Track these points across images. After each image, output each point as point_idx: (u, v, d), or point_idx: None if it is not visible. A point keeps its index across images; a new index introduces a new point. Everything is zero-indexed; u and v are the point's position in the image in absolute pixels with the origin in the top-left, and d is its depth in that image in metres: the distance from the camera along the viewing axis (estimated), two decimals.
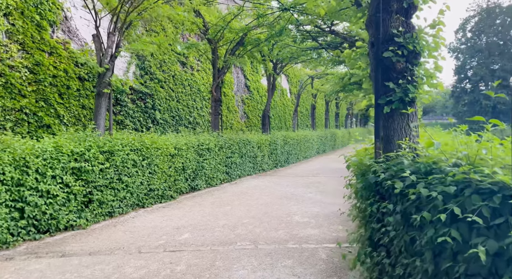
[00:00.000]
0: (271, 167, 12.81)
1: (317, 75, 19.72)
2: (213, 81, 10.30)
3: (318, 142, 19.34)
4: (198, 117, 13.71)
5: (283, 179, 10.44)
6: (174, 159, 7.66)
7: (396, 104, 2.39)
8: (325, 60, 14.08)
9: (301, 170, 12.77)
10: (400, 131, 2.45)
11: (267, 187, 9.02)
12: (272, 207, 6.64)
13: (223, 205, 6.96)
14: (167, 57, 12.17)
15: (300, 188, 8.77)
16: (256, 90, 19.81)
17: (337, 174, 11.33)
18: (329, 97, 24.53)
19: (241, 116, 17.95)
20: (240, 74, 18.36)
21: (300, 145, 15.94)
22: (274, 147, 13.02)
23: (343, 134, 27.61)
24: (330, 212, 6.20)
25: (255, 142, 11.44)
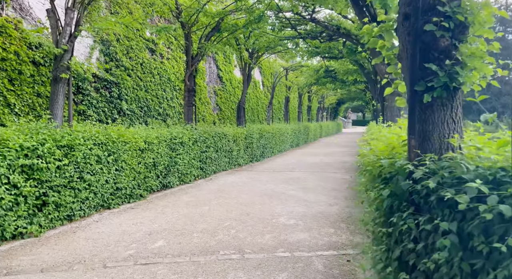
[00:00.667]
0: (246, 162, 12.26)
1: (291, 67, 19.33)
2: (186, 69, 9.54)
3: (292, 135, 19.01)
4: (168, 108, 12.87)
5: (261, 174, 9.93)
6: (144, 154, 6.91)
7: (439, 92, 1.91)
8: (302, 51, 13.65)
9: (277, 164, 12.32)
10: (441, 126, 1.98)
11: (245, 183, 8.46)
12: (254, 207, 6.09)
13: (199, 205, 6.32)
14: (134, 43, 11.22)
15: (280, 184, 8.29)
16: (229, 81, 19.12)
17: (314, 169, 10.97)
18: (302, 90, 24.28)
19: (214, 108, 17.23)
20: (213, 64, 17.58)
21: (275, 138, 15.49)
22: (250, 140, 12.46)
23: (316, 128, 27.55)
24: (317, 212, 5.75)
25: (231, 136, 10.82)
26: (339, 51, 13.29)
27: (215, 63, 17.82)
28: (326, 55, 14.37)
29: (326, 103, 37.22)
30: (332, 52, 13.46)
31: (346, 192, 7.31)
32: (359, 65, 13.53)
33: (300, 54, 14.44)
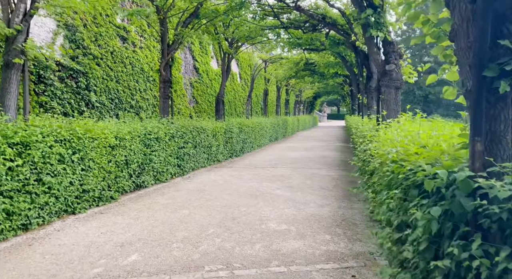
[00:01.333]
0: (226, 158, 11.67)
1: (271, 59, 18.78)
2: (161, 58, 8.78)
3: (271, 129, 18.55)
4: (141, 101, 12.04)
5: (243, 171, 9.38)
6: (115, 152, 6.18)
7: None
8: (284, 42, 13.12)
9: (258, 160, 11.80)
10: None
11: (227, 182, 7.89)
12: (240, 210, 5.54)
13: (178, 208, 5.70)
14: (104, 29, 10.31)
15: (265, 182, 7.78)
16: (206, 73, 18.37)
17: (296, 165, 10.54)
18: (280, 83, 23.84)
19: (190, 101, 16.46)
20: (188, 54, 16.76)
21: (255, 133, 14.96)
22: (229, 135, 11.86)
23: (293, 121, 27.26)
24: (309, 215, 5.28)
25: (210, 130, 10.18)
26: (321, 43, 12.87)
27: (191, 54, 17.01)
28: (307, 47, 13.92)
29: (303, 97, 37.05)
30: (314, 44, 13.02)
31: (335, 191, 6.90)
32: (341, 57, 13.18)
33: (281, 46, 13.91)
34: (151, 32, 13.00)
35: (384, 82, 5.30)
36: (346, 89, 24.84)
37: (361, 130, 6.55)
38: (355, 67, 12.78)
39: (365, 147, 4.20)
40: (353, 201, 6.08)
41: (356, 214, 5.33)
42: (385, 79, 5.28)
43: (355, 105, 21.47)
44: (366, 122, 8.80)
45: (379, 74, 5.48)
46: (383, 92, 5.37)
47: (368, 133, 4.95)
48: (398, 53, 5.33)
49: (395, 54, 5.30)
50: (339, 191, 6.93)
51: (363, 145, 4.79)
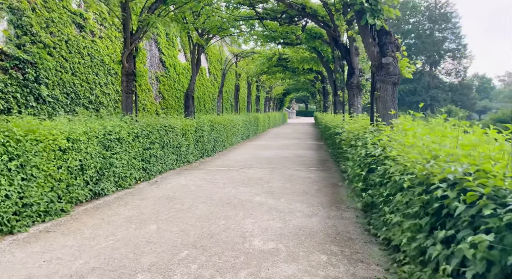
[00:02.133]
0: (197, 158, 10.81)
1: (242, 54, 18.00)
2: (124, 48, 7.77)
3: (243, 127, 17.82)
4: (102, 96, 10.91)
5: (216, 174, 8.59)
6: (66, 156, 5.20)
7: None
8: (257, 35, 12.39)
9: (232, 160, 11.04)
10: None
11: (199, 187, 7.07)
12: (217, 224, 4.78)
13: (144, 222, 4.84)
14: (56, 15, 9.13)
15: (242, 187, 7.05)
16: (173, 67, 17.33)
17: (273, 165, 9.89)
18: (251, 79, 23.13)
19: (156, 96, 15.39)
20: (154, 46, 15.64)
21: (226, 130, 14.17)
22: (200, 134, 11.01)
23: (264, 118, 26.68)
24: (297, 228, 4.62)
25: (179, 129, 9.29)
26: (297, 37, 12.29)
27: (157, 46, 15.91)
28: (281, 41, 13.29)
29: (273, 94, 36.59)
30: (289, 38, 12.40)
31: (320, 197, 6.30)
32: (317, 52, 12.67)
33: (254, 39, 13.18)
34: (113, 20, 11.84)
35: (380, 77, 4.73)
36: (318, 86, 24.56)
37: (352, 130, 5.99)
38: (331, 62, 12.32)
39: (373, 152, 3.59)
40: (342, 209, 5.50)
41: (349, 225, 4.74)
42: (381, 73, 4.71)
43: (327, 102, 21.21)
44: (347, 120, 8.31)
45: (373, 68, 4.91)
46: (378, 88, 4.80)
47: (369, 136, 4.35)
48: (395, 45, 4.79)
49: (392, 45, 4.74)
50: (324, 196, 6.35)
51: (360, 149, 4.20)
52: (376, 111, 4.95)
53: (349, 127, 6.26)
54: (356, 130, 5.54)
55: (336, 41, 8.64)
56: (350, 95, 8.61)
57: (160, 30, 16.26)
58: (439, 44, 63.58)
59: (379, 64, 4.75)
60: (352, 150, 4.82)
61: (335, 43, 8.74)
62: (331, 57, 12.09)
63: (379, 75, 4.78)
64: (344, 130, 6.95)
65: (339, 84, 12.11)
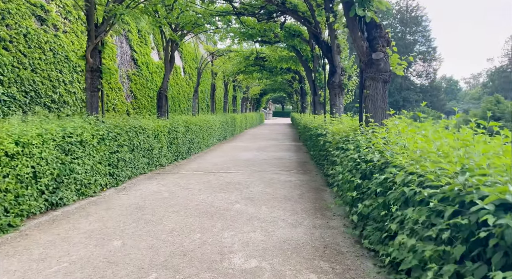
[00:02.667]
0: (170, 161, 10.17)
1: (218, 52, 17.40)
2: (87, 42, 7.06)
3: (220, 128, 17.25)
4: (66, 95, 10.08)
5: (191, 179, 8.00)
6: (15, 162, 4.50)
7: None
8: (234, 32, 11.88)
9: (208, 163, 10.47)
10: None
11: (172, 194, 6.48)
12: (192, 238, 4.24)
13: (108, 237, 4.23)
14: (14, 6, 8.29)
15: (219, 193, 6.52)
16: (145, 65, 16.54)
17: (252, 168, 9.42)
18: (228, 79, 22.57)
19: (127, 96, 14.56)
20: (125, 43, 14.81)
21: (203, 132, 13.57)
22: (174, 135, 10.37)
23: (241, 119, 26.19)
24: (281, 241, 4.15)
25: (151, 130, 8.63)
26: (275, 35, 11.88)
27: (128, 43, 15.07)
28: (259, 39, 12.84)
29: (250, 94, 36.15)
30: (267, 36, 11.97)
31: (303, 203, 5.87)
32: (296, 51, 12.30)
33: (231, 36, 12.65)
34: (79, 14, 11.01)
35: (369, 74, 4.35)
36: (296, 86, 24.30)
37: (338, 131, 5.59)
38: (311, 61, 11.99)
39: (369, 156, 3.16)
40: (328, 217, 5.09)
41: (338, 236, 4.32)
42: (371, 70, 4.33)
43: (305, 103, 20.97)
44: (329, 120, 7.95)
45: (362, 64, 4.52)
46: (367, 86, 4.41)
47: (361, 138, 3.93)
48: (386, 39, 4.42)
49: (382, 40, 4.37)
50: (308, 202, 5.92)
51: (353, 153, 3.78)
52: (366, 111, 4.57)
53: (334, 128, 5.87)
54: (343, 132, 5.14)
55: (317, 38, 8.27)
56: (332, 95, 8.25)
57: (132, 26, 15.47)
58: (410, 47, 65.26)
59: (368, 60, 4.37)
60: (341, 154, 4.42)
61: (316, 40, 8.37)
62: (310, 56, 11.75)
63: (368, 72, 4.40)
64: (328, 131, 6.56)
65: (318, 84, 11.80)
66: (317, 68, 11.72)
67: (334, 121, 7.09)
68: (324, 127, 7.39)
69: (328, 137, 6.12)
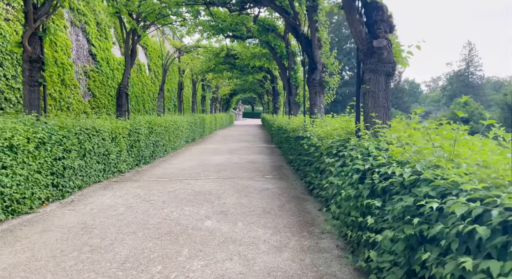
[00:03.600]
0: (131, 166, 9.04)
1: (186, 48, 16.28)
2: (25, 26, 5.87)
3: (188, 129, 16.16)
4: (8, 91, 8.71)
5: (154, 188, 6.96)
6: None
7: None
8: (203, 25, 10.92)
9: (175, 168, 9.43)
10: None
11: (129, 209, 5.44)
12: (151, 272, 3.28)
13: (33, 276, 3.18)
14: None
15: (187, 206, 5.56)
16: (106, 61, 15.15)
17: (224, 173, 8.50)
18: (196, 77, 21.45)
19: (84, 94, 13.16)
20: (82, 36, 13.40)
21: (169, 133, 12.46)
22: (136, 137, 9.24)
23: (211, 120, 25.12)
24: (266, 273, 3.29)
25: (107, 132, 7.50)
26: (248, 29, 11.03)
27: (86, 36, 13.66)
28: (230, 34, 11.94)
29: (220, 94, 35.06)
30: (239, 30, 11.10)
31: (286, 217, 5.05)
32: (270, 47, 11.52)
33: (199, 30, 11.65)
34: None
35: (369, 66, 3.59)
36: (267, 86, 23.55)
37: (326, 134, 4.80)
38: (285, 59, 11.24)
39: (390, 169, 2.35)
40: (316, 235, 4.29)
41: (333, 263, 3.52)
42: (372, 61, 3.57)
43: (277, 103, 20.26)
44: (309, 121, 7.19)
45: (361, 54, 3.76)
46: (367, 80, 3.65)
47: (370, 144, 3.13)
48: (389, 24, 3.67)
49: (384, 24, 3.62)
50: (290, 215, 5.11)
51: (360, 162, 2.96)
52: (364, 110, 3.81)
53: (321, 130, 5.10)
54: (335, 135, 4.35)
55: (295, 31, 7.51)
56: (312, 94, 7.50)
57: (89, 18, 14.08)
58: None
59: (368, 48, 3.62)
60: (336, 162, 3.63)
61: (295, 33, 7.62)
62: (285, 53, 11.01)
63: (368, 63, 3.64)
64: (312, 133, 5.78)
65: (294, 83, 11.07)
66: (292, 66, 11.00)
67: (316, 122, 6.34)
68: (305, 129, 6.62)
69: (312, 140, 5.34)
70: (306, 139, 6.06)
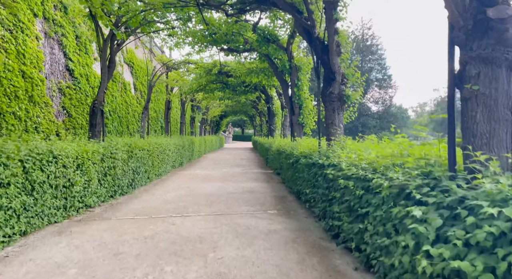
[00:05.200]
0: (104, 199, 7.37)
1: (174, 64, 14.89)
2: None
3: (175, 153, 14.55)
4: None
5: (127, 231, 5.31)
6: None
7: None
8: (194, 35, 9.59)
9: (157, 201, 7.79)
10: None
11: (86, 269, 3.78)
12: None
13: None
14: None
15: (168, 266, 3.93)
16: (85, 77, 13.64)
17: (217, 208, 6.88)
18: (186, 97, 20.03)
19: (58, 113, 11.54)
20: (58, 50, 11.93)
21: (152, 157, 10.85)
22: (111, 163, 7.62)
23: (200, 142, 23.54)
24: None
25: (71, 158, 5.89)
26: (245, 41, 9.76)
27: (62, 50, 12.18)
28: (225, 47, 10.65)
29: (209, 115, 33.65)
30: (235, 41, 9.80)
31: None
32: (270, 61, 10.22)
33: (190, 42, 10.32)
34: None
35: (478, 52, 2.16)
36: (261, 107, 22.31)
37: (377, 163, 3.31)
38: (287, 74, 9.94)
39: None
40: None
41: None
42: (484, 43, 2.15)
43: (273, 125, 18.88)
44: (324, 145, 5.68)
45: (461, 32, 2.28)
46: (473, 76, 2.18)
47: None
48: None
49: None
50: (316, 277, 3.55)
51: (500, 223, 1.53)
52: (466, 124, 2.32)
53: (370, 157, 3.60)
54: (410, 164, 2.81)
55: (308, 34, 6.18)
56: (329, 110, 6.05)
57: (67, 30, 12.68)
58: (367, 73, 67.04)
59: (477, 22, 2.17)
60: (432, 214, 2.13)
61: (308, 37, 6.28)
62: (287, 67, 9.71)
63: (477, 48, 2.20)
64: (342, 161, 4.27)
65: (297, 102, 9.70)
66: (296, 81, 9.68)
67: (335, 145, 4.86)
68: (329, 154, 5.10)
69: (347, 170, 3.84)
70: (330, 167, 4.58)
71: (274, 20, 8.42)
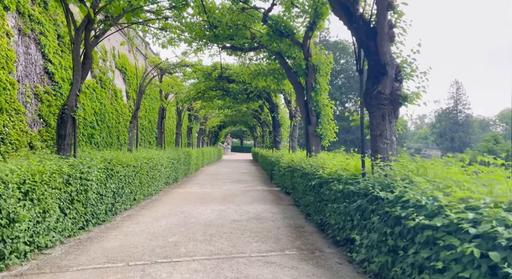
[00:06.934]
0: (70, 232, 5.60)
1: (168, 68, 13.22)
2: None
3: (169, 167, 12.79)
4: None
5: None
6: None
7: None
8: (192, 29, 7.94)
9: (141, 234, 6.01)
10: None
11: None
12: None
13: None
14: None
15: None
16: (68, 82, 11.94)
17: (216, 245, 5.08)
18: (182, 105, 18.36)
19: (33, 122, 9.81)
20: (35, 49, 10.24)
21: (140, 175, 9.09)
22: (80, 186, 5.85)
23: (198, 155, 21.79)
24: None
25: (13, 183, 4.14)
26: (253, 35, 8.14)
27: (40, 50, 10.51)
28: (227, 45, 9.02)
29: (208, 126, 31.94)
30: (241, 36, 8.14)
31: None
32: (282, 60, 8.56)
33: (186, 39, 8.67)
34: None
35: None
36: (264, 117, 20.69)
37: None
38: (302, 76, 8.28)
39: None
40: None
41: None
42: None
43: (278, 136, 17.17)
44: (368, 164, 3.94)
45: None
46: None
47: None
48: None
49: None
50: None
51: None
52: None
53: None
54: None
55: (348, 14, 4.51)
56: (377, 118, 4.26)
57: (47, 28, 11.04)
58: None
59: None
60: None
61: (348, 16, 4.60)
62: (303, 67, 8.06)
63: None
64: (452, 200, 2.56)
65: (314, 109, 8.01)
66: (313, 84, 8.02)
67: (394, 167, 3.17)
68: (394, 184, 3.37)
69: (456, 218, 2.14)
70: (406, 208, 2.84)
71: (290, 6, 6.82)
